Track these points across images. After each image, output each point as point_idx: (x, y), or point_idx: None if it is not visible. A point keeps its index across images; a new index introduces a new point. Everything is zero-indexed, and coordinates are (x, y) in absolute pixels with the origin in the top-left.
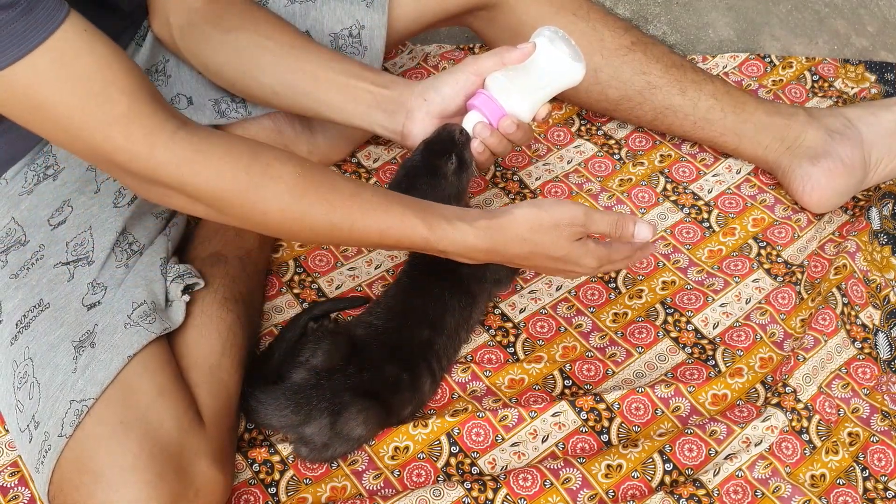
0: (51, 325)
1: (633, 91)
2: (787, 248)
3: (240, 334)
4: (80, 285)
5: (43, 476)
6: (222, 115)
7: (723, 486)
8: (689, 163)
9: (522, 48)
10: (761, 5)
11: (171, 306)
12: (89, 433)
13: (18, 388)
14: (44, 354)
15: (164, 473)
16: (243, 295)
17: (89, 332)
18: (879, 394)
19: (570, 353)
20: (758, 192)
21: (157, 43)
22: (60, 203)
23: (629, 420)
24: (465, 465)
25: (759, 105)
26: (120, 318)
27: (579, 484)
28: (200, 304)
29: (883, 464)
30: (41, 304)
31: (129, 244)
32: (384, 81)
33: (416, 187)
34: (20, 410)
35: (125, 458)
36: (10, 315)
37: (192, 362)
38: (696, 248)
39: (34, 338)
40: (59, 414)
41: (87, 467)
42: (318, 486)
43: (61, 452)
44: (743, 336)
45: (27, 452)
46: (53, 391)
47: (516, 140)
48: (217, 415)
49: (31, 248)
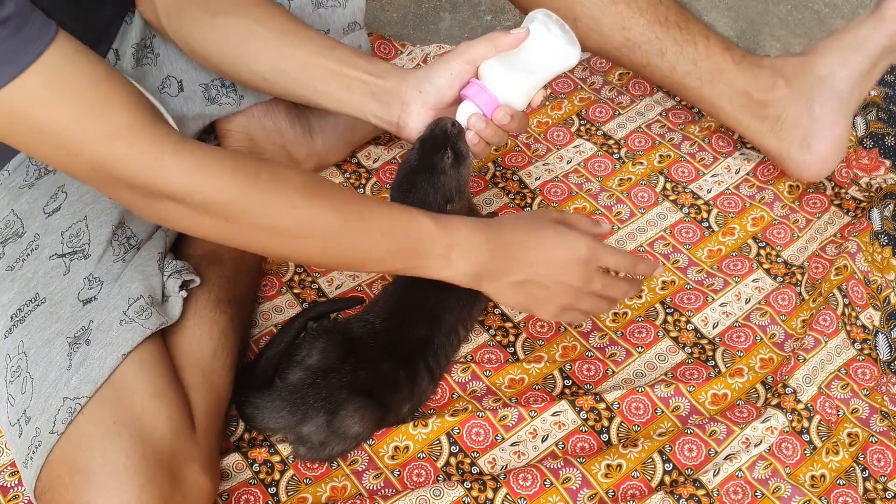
0: (46, 320)
1: (611, 46)
2: (787, 248)
3: (232, 337)
4: (76, 279)
5: (31, 472)
6: (212, 102)
7: (723, 487)
8: (689, 162)
9: (515, 33)
10: (761, 5)
11: (168, 302)
12: (82, 432)
13: (10, 381)
14: (38, 349)
15: (156, 477)
16: (237, 297)
17: (84, 329)
18: (879, 394)
19: (569, 352)
20: (756, 192)
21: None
22: (55, 190)
23: (629, 420)
24: (464, 465)
25: (737, 75)
26: (115, 314)
27: (579, 483)
28: (194, 304)
29: (882, 464)
30: (37, 298)
31: (127, 238)
32: (379, 71)
33: (417, 185)
34: (11, 404)
35: (118, 459)
36: (5, 308)
37: (185, 363)
38: (695, 247)
39: (29, 332)
40: (52, 410)
41: (79, 466)
42: (318, 486)
43: (51, 449)
44: (743, 337)
45: (16, 447)
46: (47, 387)
47: (511, 130)
48: (207, 418)
49: (27, 238)
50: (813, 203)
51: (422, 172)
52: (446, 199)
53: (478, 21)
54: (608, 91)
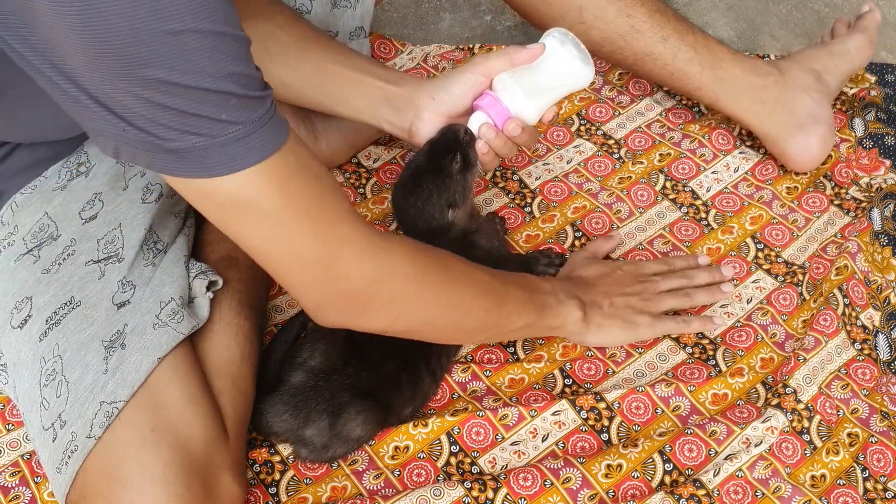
0: (81, 323)
1: (616, 34)
2: (787, 248)
3: (255, 343)
4: (110, 283)
5: (65, 477)
6: None
7: (723, 487)
8: (689, 159)
9: (531, 49)
10: (761, 5)
11: (195, 303)
12: (120, 438)
13: (45, 385)
14: (74, 353)
15: (192, 485)
16: (255, 302)
17: (119, 332)
18: (879, 395)
19: (570, 351)
20: (755, 191)
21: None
22: (91, 196)
23: (629, 419)
24: (465, 465)
25: (735, 62)
26: (149, 317)
27: (579, 484)
28: (218, 310)
29: (882, 464)
30: (72, 301)
31: (155, 243)
32: (393, 78)
33: (423, 185)
34: (45, 408)
35: (156, 468)
36: (41, 311)
37: (215, 370)
38: (694, 245)
39: (64, 335)
40: (89, 415)
41: (115, 474)
42: (318, 486)
43: (88, 455)
44: (744, 336)
45: (49, 451)
46: (83, 391)
47: (521, 142)
48: (238, 425)
49: (63, 242)
50: (812, 202)
51: (428, 173)
52: (449, 203)
53: (478, 21)
54: (608, 91)
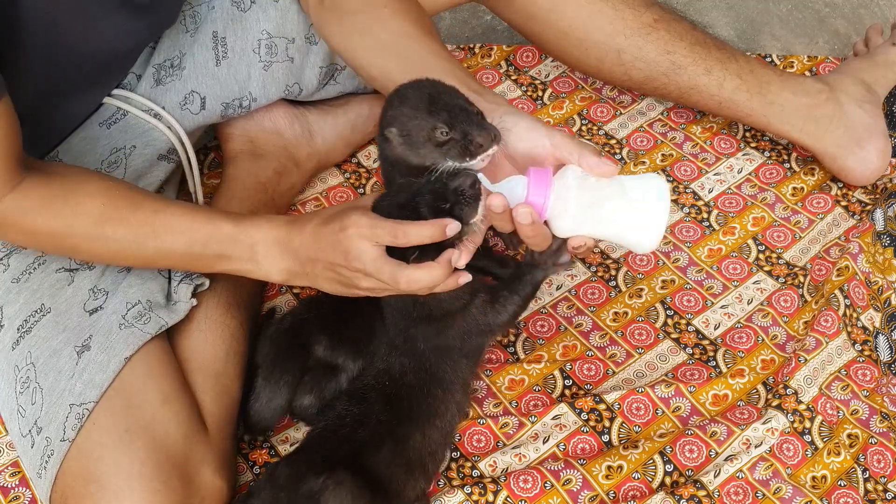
0: (52, 330)
1: (658, 72)
2: (789, 249)
3: (242, 341)
4: (81, 290)
5: (45, 482)
6: (224, 117)
7: (723, 487)
8: (691, 162)
9: (605, 162)
10: (761, 5)
11: (175, 306)
12: (94, 441)
13: (20, 392)
14: (46, 360)
15: (170, 482)
16: (245, 300)
17: (90, 337)
18: (879, 395)
19: (570, 352)
20: (758, 192)
21: (174, 36)
22: None
23: (629, 420)
24: (465, 469)
25: (784, 85)
26: (115, 318)
27: (580, 485)
28: (205, 308)
29: (882, 465)
30: (42, 308)
31: None
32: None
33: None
34: (22, 415)
35: (131, 467)
36: (12, 319)
37: (197, 367)
38: (695, 246)
39: (36, 343)
40: (60, 418)
41: (93, 476)
42: None
43: (64, 458)
44: (745, 338)
45: (29, 458)
46: (56, 396)
47: (523, 234)
48: (220, 421)
49: (34, 252)
50: (817, 203)
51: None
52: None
53: (478, 21)
54: (609, 90)
